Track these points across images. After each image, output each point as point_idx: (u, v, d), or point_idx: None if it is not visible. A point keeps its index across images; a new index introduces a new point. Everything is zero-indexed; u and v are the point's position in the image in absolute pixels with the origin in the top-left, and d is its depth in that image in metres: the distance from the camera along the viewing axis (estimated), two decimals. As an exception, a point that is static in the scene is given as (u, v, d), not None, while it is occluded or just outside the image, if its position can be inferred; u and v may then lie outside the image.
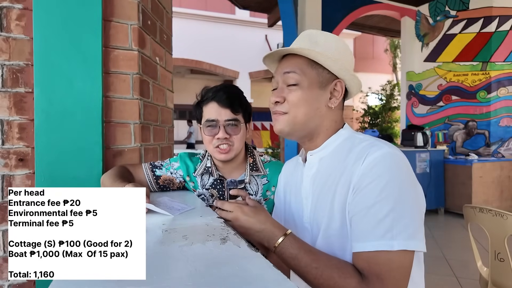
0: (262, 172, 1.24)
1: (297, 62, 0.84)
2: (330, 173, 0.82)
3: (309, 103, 0.83)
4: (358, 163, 0.74)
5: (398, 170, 0.71)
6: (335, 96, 0.85)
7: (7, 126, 1.29)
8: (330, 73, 0.85)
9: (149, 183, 1.27)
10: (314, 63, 0.84)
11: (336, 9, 5.71)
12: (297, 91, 0.83)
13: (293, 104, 0.83)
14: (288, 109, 0.83)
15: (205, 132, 1.19)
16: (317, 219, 0.83)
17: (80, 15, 1.31)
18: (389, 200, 0.69)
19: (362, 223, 0.70)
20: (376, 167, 0.71)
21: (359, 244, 0.70)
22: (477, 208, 1.61)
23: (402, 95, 6.54)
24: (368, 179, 0.71)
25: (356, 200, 0.73)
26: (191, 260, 0.59)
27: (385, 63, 13.81)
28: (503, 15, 5.31)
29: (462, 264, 2.99)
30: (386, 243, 0.67)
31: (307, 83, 0.83)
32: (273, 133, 13.23)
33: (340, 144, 0.85)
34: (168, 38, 1.91)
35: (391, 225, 0.67)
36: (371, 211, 0.69)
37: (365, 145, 0.78)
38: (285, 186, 1.03)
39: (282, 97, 0.84)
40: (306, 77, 0.83)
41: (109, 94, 1.41)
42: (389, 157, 0.72)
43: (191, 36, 10.12)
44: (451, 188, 4.91)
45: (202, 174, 1.27)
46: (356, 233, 0.71)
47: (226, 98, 1.16)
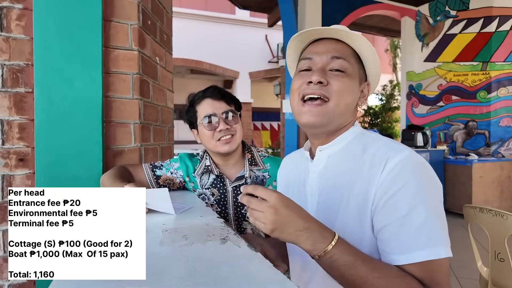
0: (261, 166, 1.26)
1: (343, 49, 0.79)
2: (341, 172, 0.78)
3: (352, 94, 0.79)
4: (378, 168, 0.70)
5: (423, 174, 0.69)
6: (363, 97, 0.83)
7: (7, 126, 1.29)
8: (365, 74, 0.84)
9: (150, 183, 1.28)
10: (357, 57, 0.81)
11: (336, 9, 5.71)
12: (345, 78, 0.77)
13: (338, 90, 0.76)
14: (331, 95, 0.76)
15: (206, 127, 1.20)
16: (326, 218, 0.78)
17: (80, 15, 1.31)
18: (423, 205, 0.66)
19: (401, 232, 0.66)
20: (401, 173, 0.68)
21: (405, 255, 0.66)
22: (477, 208, 1.61)
23: (402, 95, 6.54)
24: (395, 186, 0.67)
25: (386, 209, 0.68)
26: (191, 260, 0.59)
27: (385, 63, 13.79)
28: (503, 15, 5.31)
29: (462, 264, 2.99)
30: (433, 250, 0.65)
31: (353, 74, 0.79)
32: (273, 133, 13.23)
33: (351, 142, 0.81)
34: (168, 38, 1.91)
35: (431, 231, 0.65)
36: (407, 220, 0.66)
37: (381, 147, 0.74)
38: (287, 181, 0.98)
39: (326, 79, 0.76)
40: (353, 68, 0.79)
41: (109, 94, 1.41)
42: (412, 160, 0.69)
43: (191, 36, 10.11)
44: (451, 188, 4.91)
45: (201, 174, 1.28)
46: (397, 243, 0.67)
47: (218, 92, 1.22)
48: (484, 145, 5.44)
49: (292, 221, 0.65)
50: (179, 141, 11.21)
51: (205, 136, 1.22)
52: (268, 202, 0.65)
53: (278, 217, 0.64)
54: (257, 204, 0.66)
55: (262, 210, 0.65)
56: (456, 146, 5.69)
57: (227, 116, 1.21)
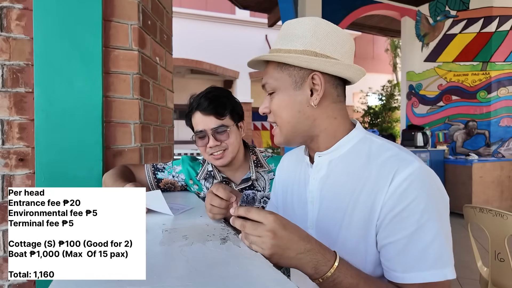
0: (266, 167, 1.25)
1: (268, 70, 0.80)
2: (345, 180, 0.74)
3: (289, 107, 0.76)
4: (385, 181, 0.67)
5: (433, 189, 0.66)
6: (316, 91, 0.75)
7: (7, 126, 1.29)
8: (303, 69, 0.75)
9: (149, 185, 1.28)
10: (282, 64, 0.77)
11: (336, 9, 5.71)
12: (274, 98, 0.78)
13: (275, 113, 0.78)
14: (275, 119, 0.80)
15: (197, 143, 1.20)
16: (327, 228, 0.77)
17: (80, 15, 1.31)
18: (432, 223, 0.64)
19: (408, 251, 0.64)
20: (410, 188, 0.64)
21: (410, 274, 0.64)
22: (477, 208, 1.61)
23: (402, 95, 6.54)
24: (404, 202, 0.64)
25: (393, 225, 0.66)
26: (191, 260, 0.59)
27: (385, 63, 13.80)
28: (503, 15, 5.31)
29: (462, 264, 2.99)
30: (439, 272, 0.63)
31: (282, 88, 0.77)
32: (273, 133, 13.22)
33: (354, 147, 0.76)
34: (168, 38, 1.91)
35: (439, 251, 0.63)
36: (415, 238, 0.64)
37: (390, 158, 0.70)
38: (285, 184, 0.95)
39: (267, 107, 0.80)
40: (279, 82, 0.77)
41: (109, 94, 1.41)
42: (421, 174, 0.66)
43: (191, 36, 10.11)
44: (451, 188, 4.90)
45: (205, 178, 1.27)
46: (402, 261, 0.65)
47: (208, 104, 1.15)
48: (484, 145, 5.44)
49: (293, 244, 0.61)
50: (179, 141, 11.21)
51: (200, 148, 1.22)
52: (265, 226, 0.61)
53: (277, 241, 0.60)
54: (253, 228, 0.62)
55: (259, 234, 0.61)
56: (456, 146, 5.69)
57: (216, 132, 1.16)
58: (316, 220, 0.79)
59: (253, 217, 0.63)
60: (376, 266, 0.71)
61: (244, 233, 0.64)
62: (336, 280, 0.62)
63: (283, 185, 0.96)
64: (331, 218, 0.76)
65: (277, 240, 0.60)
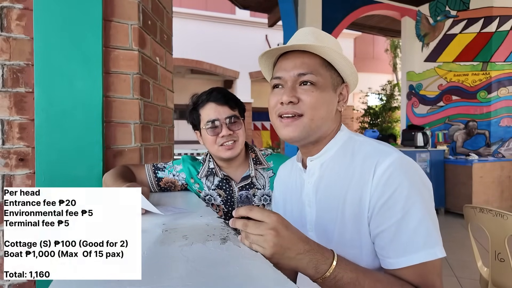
0: (265, 165, 1.27)
1: (310, 62, 0.78)
2: (335, 180, 0.78)
3: (326, 106, 0.78)
4: (368, 174, 0.71)
5: (414, 175, 0.70)
6: (342, 99, 0.83)
7: (7, 126, 1.29)
8: (339, 76, 0.82)
9: (150, 185, 1.28)
10: (327, 64, 0.79)
11: (336, 9, 5.71)
12: (315, 92, 0.76)
13: (310, 105, 0.76)
14: (304, 111, 0.76)
15: (208, 133, 1.19)
16: (325, 228, 0.79)
17: (80, 15, 1.31)
18: (416, 207, 0.67)
19: (398, 237, 0.67)
20: (392, 176, 0.68)
21: (403, 258, 0.67)
22: (477, 208, 1.61)
23: (402, 95, 6.54)
24: (388, 191, 0.68)
25: (381, 215, 0.69)
26: (191, 260, 0.58)
27: (385, 63, 13.80)
28: (503, 15, 5.31)
29: (462, 264, 2.99)
30: (429, 252, 0.66)
31: (324, 85, 0.78)
32: (273, 133, 13.22)
33: (341, 148, 0.81)
34: (168, 38, 1.91)
35: (426, 233, 0.66)
36: (403, 224, 0.67)
37: (369, 152, 0.74)
38: (284, 193, 0.97)
39: (296, 97, 0.76)
40: (323, 78, 0.78)
41: (109, 94, 1.41)
42: (401, 162, 0.69)
43: (191, 36, 10.11)
44: (452, 188, 4.90)
45: (206, 176, 1.28)
46: (394, 248, 0.68)
47: (222, 96, 1.20)
48: (484, 145, 5.44)
49: (293, 244, 0.62)
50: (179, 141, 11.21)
51: (208, 140, 1.21)
52: (268, 224, 0.61)
53: (279, 240, 0.60)
54: (255, 227, 0.62)
55: (261, 233, 0.61)
56: (456, 146, 5.69)
57: (230, 122, 1.19)
58: (315, 222, 0.82)
59: (256, 216, 0.63)
60: (373, 258, 0.73)
61: (245, 233, 0.64)
62: (337, 276, 0.63)
63: (282, 193, 0.99)
64: (328, 218, 0.78)
65: (279, 239, 0.61)
